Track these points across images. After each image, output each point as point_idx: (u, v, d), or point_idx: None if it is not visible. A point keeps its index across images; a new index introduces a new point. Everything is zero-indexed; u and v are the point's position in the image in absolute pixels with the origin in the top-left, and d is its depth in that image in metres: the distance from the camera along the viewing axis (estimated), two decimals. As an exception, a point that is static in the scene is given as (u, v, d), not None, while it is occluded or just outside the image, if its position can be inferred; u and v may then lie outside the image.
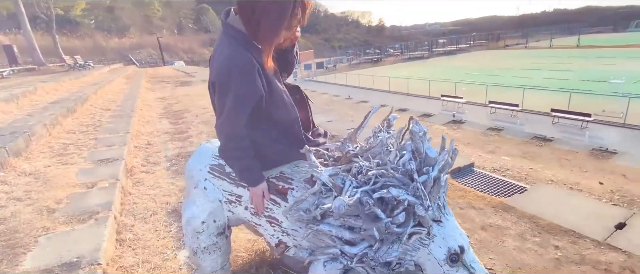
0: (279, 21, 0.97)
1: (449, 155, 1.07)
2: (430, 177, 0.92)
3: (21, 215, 2.20)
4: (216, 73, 1.03)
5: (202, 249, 1.39)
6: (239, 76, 1.00)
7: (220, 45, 1.06)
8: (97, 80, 11.78)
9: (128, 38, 43.94)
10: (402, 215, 0.89)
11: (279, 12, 0.96)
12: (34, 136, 3.67)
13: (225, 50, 1.03)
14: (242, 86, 1.00)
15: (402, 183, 0.93)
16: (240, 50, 1.01)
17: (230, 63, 1.00)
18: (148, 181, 3.24)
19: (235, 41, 1.03)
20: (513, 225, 2.21)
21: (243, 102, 1.02)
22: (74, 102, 6.02)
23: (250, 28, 1.01)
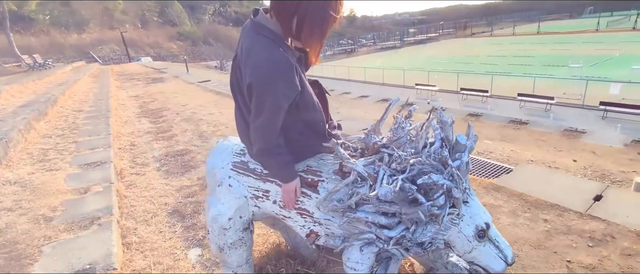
0: (325, 23, 1.01)
1: (475, 141, 1.17)
2: (462, 162, 1.01)
3: (17, 226, 2.11)
4: (255, 75, 1.03)
5: (229, 245, 1.42)
6: (279, 76, 1.02)
7: (255, 45, 1.06)
8: (62, 79, 11.07)
9: (88, 33, 41.25)
10: (442, 197, 0.98)
11: (324, 15, 0.99)
12: (10, 142, 3.45)
13: (262, 51, 1.04)
14: (283, 86, 1.03)
15: (437, 169, 1.01)
16: (278, 50, 1.03)
17: (270, 64, 1.01)
18: (141, 183, 3.16)
19: (271, 42, 1.05)
20: (505, 203, 2.39)
21: (283, 102, 1.05)
22: (43, 105, 5.67)
23: (290, 29, 1.03)
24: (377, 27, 66.09)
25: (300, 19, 1.00)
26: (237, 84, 1.19)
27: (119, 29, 37.40)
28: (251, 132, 1.15)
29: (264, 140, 1.14)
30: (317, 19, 1.00)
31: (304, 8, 0.99)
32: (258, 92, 1.05)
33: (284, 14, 1.03)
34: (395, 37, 48.53)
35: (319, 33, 1.03)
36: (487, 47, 32.53)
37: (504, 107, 11.72)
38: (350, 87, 16.19)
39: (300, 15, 1.00)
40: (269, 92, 1.03)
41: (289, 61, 1.03)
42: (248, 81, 1.06)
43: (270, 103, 1.05)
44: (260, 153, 1.19)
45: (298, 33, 1.03)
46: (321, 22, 1.01)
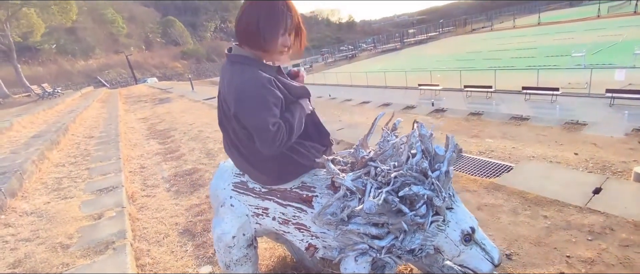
0: (276, 24, 1.12)
1: (454, 151, 1.23)
2: (441, 172, 1.07)
3: (36, 255, 2.22)
4: (241, 97, 1.13)
5: (234, 262, 1.50)
6: (262, 90, 1.12)
7: (234, 74, 1.16)
8: (72, 107, 11.41)
9: (94, 59, 42.40)
10: (423, 207, 1.04)
11: (273, 15, 1.11)
12: (25, 174, 3.61)
13: (240, 75, 1.15)
14: (270, 97, 1.13)
15: (418, 180, 1.08)
16: (254, 70, 1.15)
17: (251, 83, 1.12)
18: (152, 205, 3.28)
19: (246, 66, 1.17)
20: (505, 202, 2.42)
21: (275, 110, 1.14)
22: (55, 134, 5.87)
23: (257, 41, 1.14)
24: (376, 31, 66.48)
25: (261, 27, 1.11)
26: (226, 117, 1.28)
27: (124, 53, 38.36)
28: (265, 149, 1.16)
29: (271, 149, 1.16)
30: (269, 24, 1.12)
31: (259, 17, 1.11)
32: (249, 112, 1.13)
33: (244, 34, 1.16)
34: (395, 39, 48.65)
35: (273, 35, 1.13)
36: (488, 42, 32.40)
37: (509, 101, 11.65)
38: (351, 93, 16.30)
39: (261, 24, 1.11)
40: (261, 107, 1.12)
41: (264, 76, 1.14)
42: (234, 109, 1.15)
43: (260, 125, 1.12)
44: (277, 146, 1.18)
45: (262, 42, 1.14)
46: (273, 25, 1.12)
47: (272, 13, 1.12)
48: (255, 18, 1.12)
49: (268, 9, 1.11)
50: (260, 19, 1.11)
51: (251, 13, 1.13)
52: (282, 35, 1.15)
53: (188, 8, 62.16)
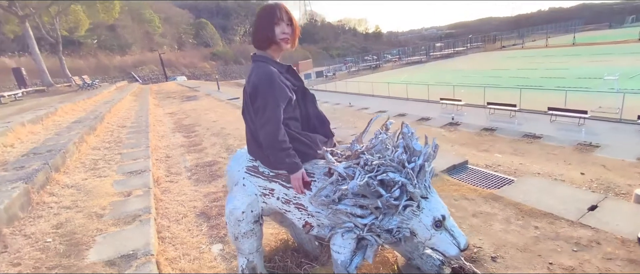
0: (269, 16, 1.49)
1: (432, 149, 1.43)
2: (416, 164, 1.27)
3: (75, 220, 2.56)
4: (253, 85, 1.45)
5: (242, 234, 1.74)
6: (272, 81, 1.43)
7: (252, 69, 1.52)
8: (108, 98, 12.25)
9: (130, 55, 44.78)
10: (397, 191, 1.24)
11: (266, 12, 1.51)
12: (67, 153, 4.05)
13: (256, 69, 1.49)
14: (277, 88, 1.43)
15: (397, 169, 1.27)
16: (266, 66, 1.48)
17: (263, 75, 1.44)
18: (174, 189, 3.60)
19: (262, 63, 1.51)
20: (500, 211, 2.54)
21: (279, 100, 1.43)
22: (93, 121, 6.43)
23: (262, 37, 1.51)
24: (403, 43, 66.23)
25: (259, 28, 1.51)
26: (246, 107, 1.58)
27: (157, 51, 40.37)
28: (259, 132, 1.49)
29: (270, 135, 1.45)
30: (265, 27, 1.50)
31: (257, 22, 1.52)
32: (259, 96, 1.44)
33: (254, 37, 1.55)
34: (421, 52, 48.33)
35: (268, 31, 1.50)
36: (517, 60, 31.61)
37: (532, 121, 11.40)
38: (370, 102, 16.42)
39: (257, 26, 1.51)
40: (267, 94, 1.42)
41: (276, 71, 1.47)
42: (250, 90, 1.47)
43: (270, 102, 1.42)
44: (269, 147, 1.49)
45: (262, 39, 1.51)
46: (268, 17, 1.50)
47: (265, 10, 1.51)
48: (258, 21, 1.53)
49: (263, 10, 1.52)
50: (260, 20, 1.51)
51: (256, 20, 1.55)
52: (277, 25, 1.49)
53: (220, 11, 64.63)
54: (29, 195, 2.74)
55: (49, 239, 2.26)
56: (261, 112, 1.45)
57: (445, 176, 3.25)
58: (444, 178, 3.21)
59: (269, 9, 1.51)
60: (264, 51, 1.55)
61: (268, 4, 1.54)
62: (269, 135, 1.46)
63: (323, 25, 77.54)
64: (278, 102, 1.43)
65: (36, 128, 5.57)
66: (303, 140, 1.57)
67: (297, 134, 1.55)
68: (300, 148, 1.55)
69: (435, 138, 1.43)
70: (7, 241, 2.17)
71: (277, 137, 1.45)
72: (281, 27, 1.50)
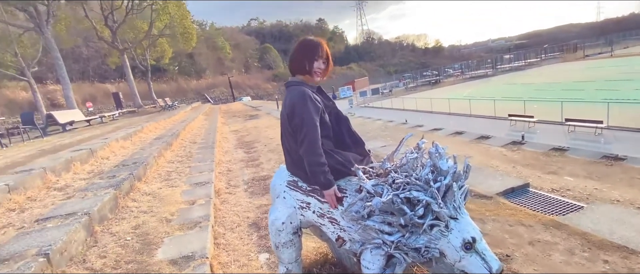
0: (311, 53, 1.69)
1: (463, 169, 1.42)
2: (442, 184, 1.27)
3: (149, 223, 2.98)
4: (290, 106, 1.64)
5: (282, 244, 1.88)
6: (306, 100, 1.60)
7: (289, 93, 1.71)
8: (183, 117, 13.84)
9: (204, 79, 50.02)
10: (421, 209, 1.26)
11: (309, 48, 1.70)
12: (148, 165, 4.71)
13: (292, 91, 1.68)
14: (311, 105, 1.60)
15: (423, 188, 1.30)
16: (299, 87, 1.67)
17: (299, 95, 1.62)
18: (231, 200, 3.95)
19: (297, 85, 1.69)
20: (562, 241, 2.29)
21: (314, 115, 1.59)
22: (170, 138, 7.34)
23: (301, 67, 1.70)
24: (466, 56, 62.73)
25: (300, 57, 1.71)
26: (284, 132, 1.78)
27: (227, 75, 44.46)
28: (299, 149, 1.64)
29: (309, 152, 1.60)
30: (307, 55, 1.69)
31: (299, 54, 1.71)
32: (296, 114, 1.61)
33: (293, 65, 1.75)
34: (487, 65, 45.16)
35: (309, 62, 1.70)
36: (604, 70, 27.65)
37: (624, 140, 9.83)
38: (427, 119, 15.77)
39: (299, 54, 1.71)
40: (303, 110, 1.59)
41: (308, 90, 1.65)
42: (287, 111, 1.66)
43: (306, 118, 1.58)
44: (307, 163, 1.63)
45: (303, 68, 1.70)
46: (310, 53, 1.70)
47: (308, 46, 1.71)
48: (299, 52, 1.71)
49: (306, 44, 1.71)
50: (301, 52, 1.71)
51: (297, 49, 1.73)
52: (316, 61, 1.69)
53: (283, 36, 69.04)
54: (116, 200, 3.27)
55: (129, 238, 2.68)
56: (299, 130, 1.61)
57: (500, 200, 3.03)
58: (498, 201, 2.99)
59: (312, 45, 1.70)
60: (295, 76, 1.75)
61: (312, 39, 1.73)
62: (307, 152, 1.60)
63: (380, 42, 77.60)
64: (313, 116, 1.59)
65: (126, 143, 6.57)
66: (336, 157, 1.68)
67: (331, 151, 1.67)
68: (333, 165, 1.66)
69: (468, 157, 1.42)
70: (98, 237, 2.63)
71: (315, 152, 1.59)
72: (318, 63, 1.70)
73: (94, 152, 5.10)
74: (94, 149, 5.16)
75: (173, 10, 20.64)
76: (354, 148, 1.77)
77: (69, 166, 4.25)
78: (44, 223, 2.55)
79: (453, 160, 1.37)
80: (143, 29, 22.02)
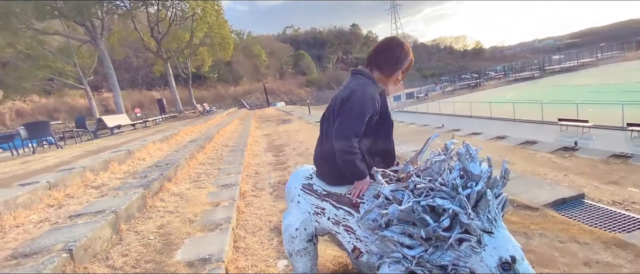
0: (406, 63, 1.64)
1: (502, 174, 1.20)
2: (473, 191, 1.07)
3: (173, 223, 3.00)
4: (351, 90, 1.55)
5: (296, 252, 1.75)
6: (368, 97, 1.52)
7: (355, 81, 1.61)
8: (219, 122, 14.32)
9: (241, 86, 51.90)
10: (446, 220, 1.06)
11: (408, 58, 1.63)
12: (179, 167, 4.84)
13: (358, 81, 1.59)
14: (369, 103, 1.51)
15: (449, 195, 1.10)
16: (370, 84, 1.58)
17: (364, 89, 1.54)
18: (256, 203, 3.90)
19: (367, 79, 1.61)
20: (628, 263, 1.92)
21: (366, 112, 1.50)
22: (204, 141, 7.57)
23: (391, 69, 1.63)
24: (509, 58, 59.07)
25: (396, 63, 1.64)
26: (330, 113, 1.67)
27: (262, 81, 45.77)
28: (340, 132, 1.53)
29: (345, 139, 1.49)
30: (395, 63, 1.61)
31: (398, 55, 1.61)
32: (350, 102, 1.52)
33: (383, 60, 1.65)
34: (533, 67, 42.07)
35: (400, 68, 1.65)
36: (677, 69, 24.49)
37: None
38: (465, 123, 14.89)
39: (400, 60, 1.62)
40: (362, 102, 1.50)
41: (374, 90, 1.57)
42: (345, 94, 1.56)
43: (357, 110, 1.49)
44: (341, 149, 1.53)
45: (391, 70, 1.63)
46: (406, 62, 1.65)
47: (405, 53, 1.63)
48: (394, 53, 1.62)
49: (406, 52, 1.63)
50: (396, 54, 1.61)
51: (392, 48, 1.63)
52: (402, 71, 1.66)
53: (316, 42, 69.84)
54: (145, 199, 3.35)
55: (152, 237, 2.70)
56: (348, 114, 1.53)
57: (548, 212, 2.67)
58: (546, 213, 2.64)
59: (409, 57, 1.64)
60: (371, 71, 1.65)
61: (410, 49, 1.65)
62: (344, 137, 1.52)
63: (416, 46, 75.67)
64: (365, 113, 1.52)
65: (163, 145, 6.86)
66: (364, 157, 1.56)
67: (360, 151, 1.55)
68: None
69: (506, 160, 1.20)
70: (123, 235, 2.68)
71: (351, 141, 1.50)
72: (399, 74, 1.66)
73: (132, 153, 5.35)
74: (132, 150, 5.41)
75: (211, 19, 21.64)
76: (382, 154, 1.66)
77: (107, 166, 4.48)
78: (76, 219, 2.65)
79: (487, 163, 1.16)
80: (185, 38, 23.31)
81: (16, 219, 2.67)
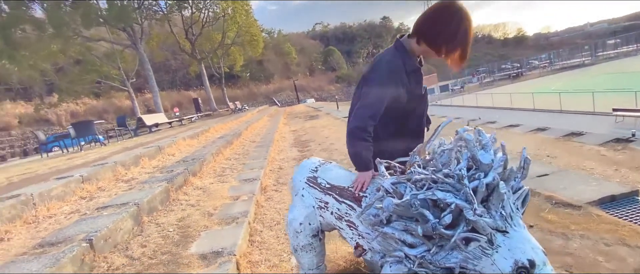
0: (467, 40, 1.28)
1: (521, 163, 1.03)
2: (481, 183, 0.92)
3: (193, 216, 3.06)
4: (372, 69, 1.42)
5: (300, 248, 1.68)
6: (388, 74, 1.36)
7: (386, 53, 1.44)
8: (249, 119, 14.66)
9: (272, 84, 52.88)
10: (448, 216, 0.92)
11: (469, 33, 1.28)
12: (205, 162, 4.96)
13: (385, 55, 1.42)
14: (385, 78, 1.36)
15: (455, 188, 0.96)
16: (398, 58, 1.38)
17: (386, 65, 1.38)
18: (276, 198, 3.89)
19: (396, 50, 1.41)
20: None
21: (383, 90, 1.35)
22: (232, 137, 7.75)
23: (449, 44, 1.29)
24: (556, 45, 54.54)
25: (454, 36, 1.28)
26: (363, 80, 1.52)
27: (292, 78, 46.29)
28: (352, 114, 1.44)
29: (359, 121, 1.39)
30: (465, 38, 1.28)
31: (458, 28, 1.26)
32: (369, 79, 1.40)
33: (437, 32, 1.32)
34: (584, 53, 38.49)
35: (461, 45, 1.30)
36: None
37: None
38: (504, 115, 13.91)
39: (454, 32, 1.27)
40: (377, 80, 1.36)
41: (401, 67, 1.36)
42: (365, 70, 1.45)
43: (375, 88, 1.36)
44: (351, 132, 1.43)
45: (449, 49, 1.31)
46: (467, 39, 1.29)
47: (470, 31, 1.28)
48: (461, 27, 1.25)
49: (471, 26, 1.27)
50: (462, 30, 1.26)
51: (461, 21, 1.25)
52: (464, 48, 1.31)
53: (346, 37, 69.24)
54: (168, 193, 3.46)
55: (171, 230, 2.77)
56: (366, 92, 1.41)
57: (593, 210, 2.37)
58: (590, 212, 2.34)
59: (469, 23, 1.27)
60: (418, 42, 1.36)
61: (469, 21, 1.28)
62: (358, 118, 1.40)
63: (451, 36, 72.24)
64: (385, 92, 1.36)
65: (193, 142, 7.12)
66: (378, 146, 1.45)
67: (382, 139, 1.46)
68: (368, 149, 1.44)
69: (526, 147, 1.03)
70: (144, 227, 2.78)
71: (365, 124, 1.37)
72: (461, 50, 1.32)
73: (162, 149, 5.58)
74: (162, 146, 5.65)
75: (241, 19, 22.18)
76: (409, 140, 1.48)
77: (138, 161, 4.70)
78: (102, 210, 2.77)
79: (502, 151, 1.00)
80: (217, 39, 24.13)
81: (50, 210, 2.85)
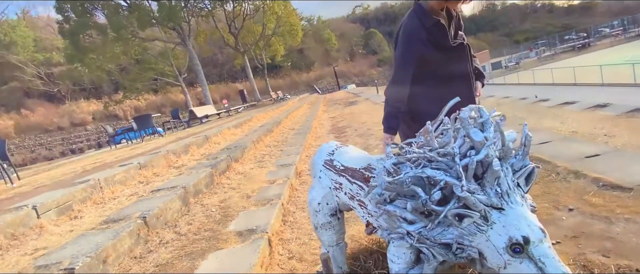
0: None
1: (522, 140, 1.02)
2: (472, 160, 0.93)
3: (233, 198, 3.33)
4: (397, 35, 1.60)
5: (320, 225, 1.79)
6: (407, 39, 1.51)
7: (406, 17, 1.59)
8: (290, 107, 15.05)
9: (313, 72, 53.24)
10: (437, 193, 0.95)
11: None
12: (246, 149, 5.29)
13: (405, 20, 1.58)
14: (405, 43, 1.51)
15: (448, 166, 0.98)
16: (414, 18, 1.51)
17: (404, 29, 1.54)
18: (310, 182, 4.05)
19: (415, 13, 1.53)
20: None
21: (404, 54, 1.52)
22: (272, 125, 8.09)
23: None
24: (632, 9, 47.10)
25: None
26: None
27: (332, 65, 46.11)
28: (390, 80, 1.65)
29: (390, 89, 1.62)
30: None
31: None
32: (396, 50, 1.61)
33: None
34: (672, 15, 32.79)
35: None
36: None
37: None
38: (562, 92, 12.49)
39: None
40: (399, 47, 1.55)
41: (416, 29, 1.49)
42: (396, 38, 1.64)
43: (399, 54, 1.55)
44: (387, 99, 1.68)
45: None
46: None
47: None
48: None
49: None
50: None
51: None
52: None
53: (387, 18, 66.69)
54: (212, 177, 3.79)
55: (214, 210, 3.06)
56: (394, 68, 1.63)
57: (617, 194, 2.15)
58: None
59: None
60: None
61: None
62: (389, 89, 1.64)
63: (504, 8, 66.13)
64: (406, 55, 1.53)
65: (237, 131, 7.57)
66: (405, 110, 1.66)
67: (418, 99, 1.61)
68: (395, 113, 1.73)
69: (526, 124, 1.01)
70: (190, 207, 3.10)
71: (394, 94, 1.59)
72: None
73: (209, 138, 6.04)
74: (209, 136, 6.11)
75: (279, 9, 22.52)
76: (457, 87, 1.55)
77: (187, 150, 5.16)
78: (155, 193, 3.15)
79: (496, 127, 0.99)
80: (258, 31, 24.85)
81: (114, 193, 3.31)
